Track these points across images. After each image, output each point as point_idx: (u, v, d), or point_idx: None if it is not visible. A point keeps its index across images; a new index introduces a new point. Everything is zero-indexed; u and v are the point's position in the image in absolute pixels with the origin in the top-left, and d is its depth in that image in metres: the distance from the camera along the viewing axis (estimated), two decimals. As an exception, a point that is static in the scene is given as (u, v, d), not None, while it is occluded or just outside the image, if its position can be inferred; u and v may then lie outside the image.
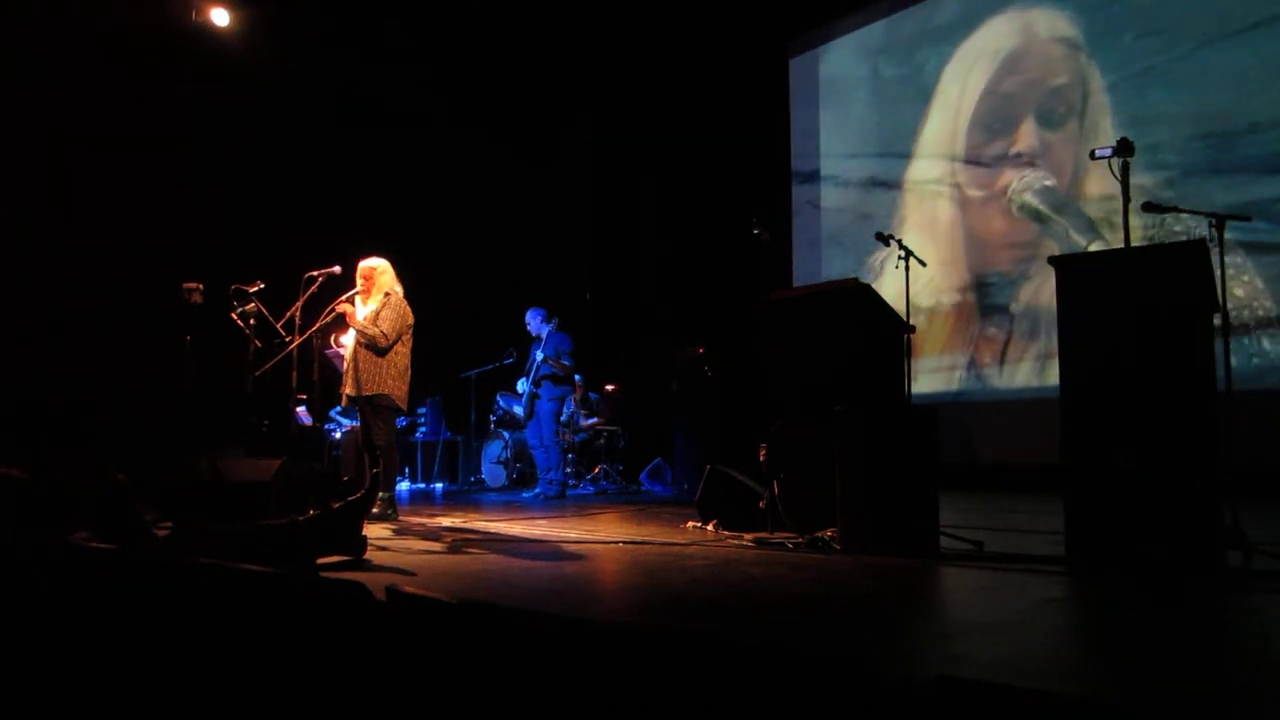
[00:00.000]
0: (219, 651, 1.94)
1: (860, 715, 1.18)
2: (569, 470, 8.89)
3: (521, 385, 8.25)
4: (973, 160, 8.50)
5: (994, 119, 8.37)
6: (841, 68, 9.70)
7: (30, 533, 3.23)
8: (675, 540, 4.26)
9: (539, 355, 7.96)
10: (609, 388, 9.87)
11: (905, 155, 9.05)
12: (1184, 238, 6.52)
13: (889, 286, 4.72)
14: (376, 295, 5.45)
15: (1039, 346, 7.76)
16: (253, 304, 5.69)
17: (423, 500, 7.84)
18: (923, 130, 8.93)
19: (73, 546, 2.48)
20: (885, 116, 9.26)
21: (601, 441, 9.43)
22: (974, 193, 8.47)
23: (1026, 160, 8.06)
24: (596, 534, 4.64)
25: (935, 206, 8.75)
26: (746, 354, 8.10)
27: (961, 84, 8.65)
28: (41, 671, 2.28)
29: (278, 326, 5.63)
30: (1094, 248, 7.33)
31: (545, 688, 1.49)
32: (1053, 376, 4.80)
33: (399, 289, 5.54)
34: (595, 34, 10.55)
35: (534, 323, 8.08)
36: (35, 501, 3.44)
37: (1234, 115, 6.83)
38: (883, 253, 8.23)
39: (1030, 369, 7.84)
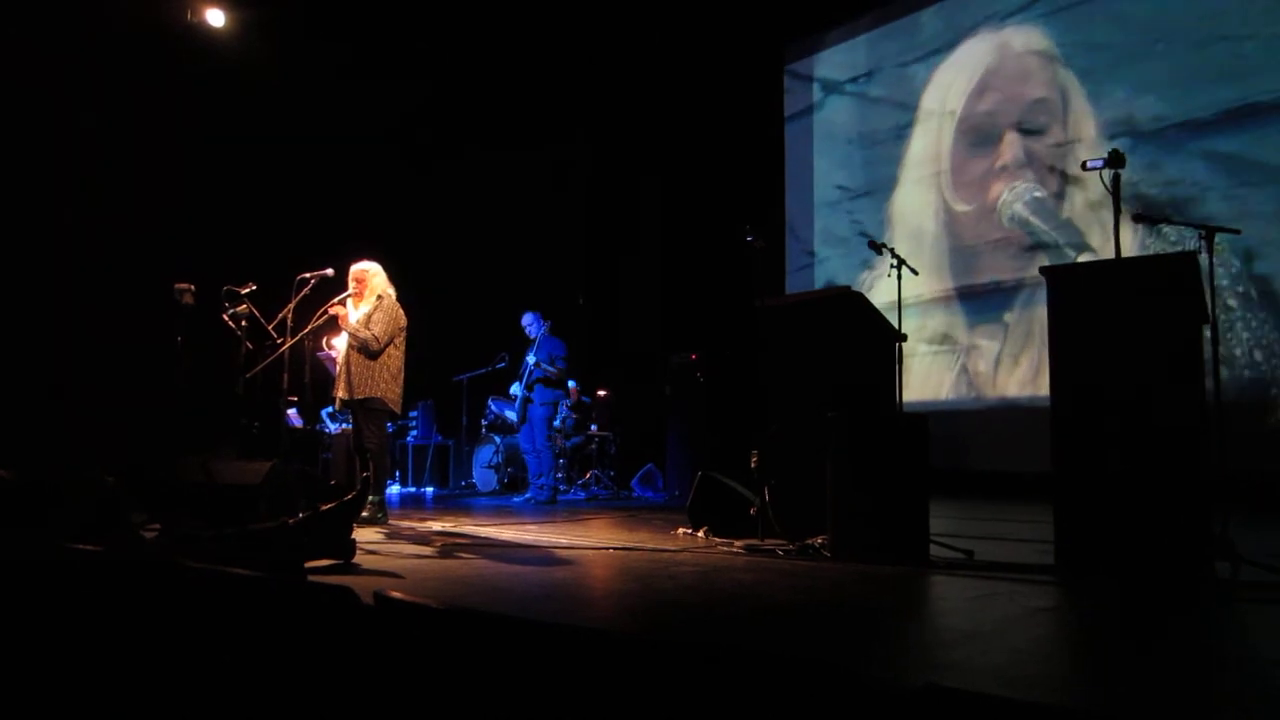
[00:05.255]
0: (206, 655, 1.93)
1: (848, 724, 1.18)
2: (560, 475, 8.88)
3: (515, 389, 8.24)
4: (960, 171, 8.54)
5: (980, 131, 8.42)
6: (835, 76, 9.75)
7: (18, 533, 3.21)
8: (666, 546, 4.25)
9: (532, 359, 7.95)
10: (601, 393, 9.85)
11: (898, 165, 9.09)
12: (1173, 238, 6.57)
13: (881, 297, 4.74)
14: (369, 298, 5.44)
15: (1031, 356, 7.78)
16: (245, 305, 5.66)
17: (413, 504, 7.81)
18: (913, 142, 8.97)
19: (60, 548, 2.46)
20: (877, 127, 9.30)
21: (593, 447, 9.42)
22: (962, 207, 8.51)
23: (1014, 171, 8.11)
24: (587, 539, 4.63)
25: (926, 216, 8.79)
26: (740, 360, 8.11)
27: (946, 97, 8.72)
28: (27, 673, 2.26)
29: (269, 328, 5.60)
30: (1084, 258, 7.36)
31: (533, 695, 1.48)
32: (1044, 386, 4.82)
33: (391, 292, 5.53)
34: (592, 39, 10.57)
35: (533, 326, 8.07)
36: (24, 502, 3.42)
37: (1219, 108, 6.87)
38: (876, 261, 8.26)
39: (1023, 378, 7.87)
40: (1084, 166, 3.67)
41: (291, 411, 7.83)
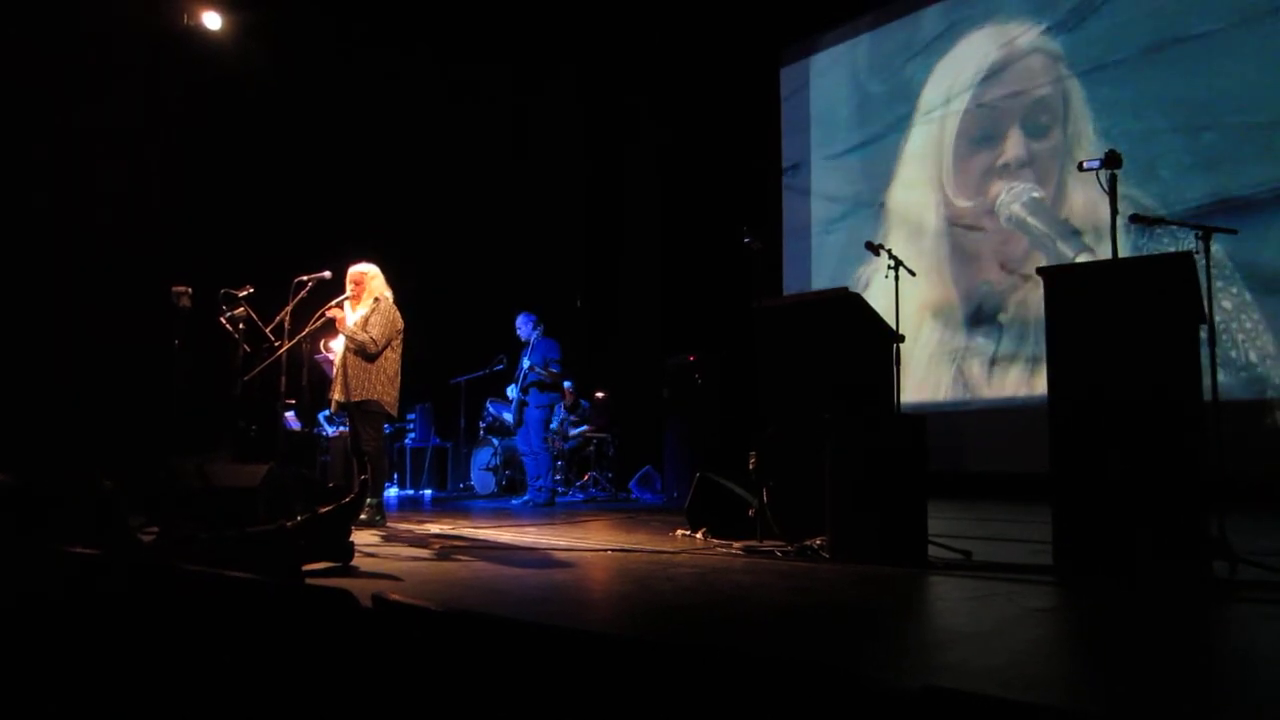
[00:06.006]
0: (204, 659, 1.93)
1: (847, 725, 1.18)
2: (558, 477, 8.87)
3: (511, 391, 8.24)
4: (960, 172, 8.55)
5: (978, 131, 8.43)
6: (831, 79, 9.76)
7: (16, 538, 3.20)
8: (664, 548, 4.25)
9: (526, 362, 7.95)
10: (599, 395, 9.85)
11: (894, 165, 9.09)
12: (1167, 240, 6.58)
13: (878, 297, 4.74)
14: (366, 300, 5.44)
15: (1027, 356, 7.79)
16: (242, 308, 5.66)
17: (411, 507, 7.81)
18: (910, 142, 8.98)
19: (58, 552, 2.46)
20: (873, 128, 9.31)
21: (591, 448, 9.42)
22: (962, 203, 8.52)
23: (1013, 171, 8.12)
24: (585, 541, 4.63)
25: (924, 217, 8.80)
26: (738, 362, 8.11)
27: (945, 97, 8.72)
28: (25, 675, 2.26)
29: (267, 331, 5.60)
30: (1081, 258, 7.37)
31: (532, 697, 1.48)
32: (1040, 386, 4.83)
33: (389, 294, 5.53)
34: (590, 40, 10.58)
35: (525, 328, 8.07)
36: (21, 506, 3.41)
37: (1217, 116, 6.88)
38: (872, 263, 8.26)
39: (1018, 378, 7.88)
40: (1080, 167, 3.67)
41: (289, 414, 7.82)
